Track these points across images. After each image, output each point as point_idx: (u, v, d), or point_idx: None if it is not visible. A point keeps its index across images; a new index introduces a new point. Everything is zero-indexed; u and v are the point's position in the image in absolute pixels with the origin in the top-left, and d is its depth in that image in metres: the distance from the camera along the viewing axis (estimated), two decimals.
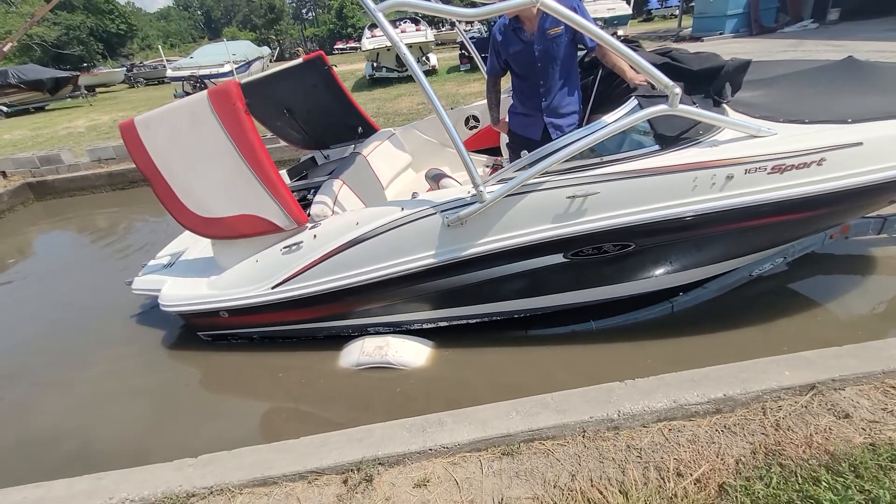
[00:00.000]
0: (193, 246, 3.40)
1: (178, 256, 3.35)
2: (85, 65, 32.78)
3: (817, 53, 8.41)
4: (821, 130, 2.08)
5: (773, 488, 1.46)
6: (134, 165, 2.71)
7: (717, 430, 1.70)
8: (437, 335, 2.82)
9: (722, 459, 1.59)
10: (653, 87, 2.07)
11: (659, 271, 2.49)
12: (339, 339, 2.89)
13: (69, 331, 3.67)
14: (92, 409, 2.82)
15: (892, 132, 2.04)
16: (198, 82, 13.79)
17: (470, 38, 4.67)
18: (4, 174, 7.58)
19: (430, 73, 13.04)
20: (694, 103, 2.16)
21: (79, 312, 3.94)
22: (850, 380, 1.78)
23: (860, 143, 2.00)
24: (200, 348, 3.15)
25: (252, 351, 3.04)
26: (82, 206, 7.25)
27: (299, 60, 3.42)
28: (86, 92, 19.06)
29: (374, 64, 13.07)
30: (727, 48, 11.18)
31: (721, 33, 13.98)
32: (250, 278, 2.73)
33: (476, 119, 3.86)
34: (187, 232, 3.41)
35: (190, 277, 3.02)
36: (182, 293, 2.92)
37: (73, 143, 9.64)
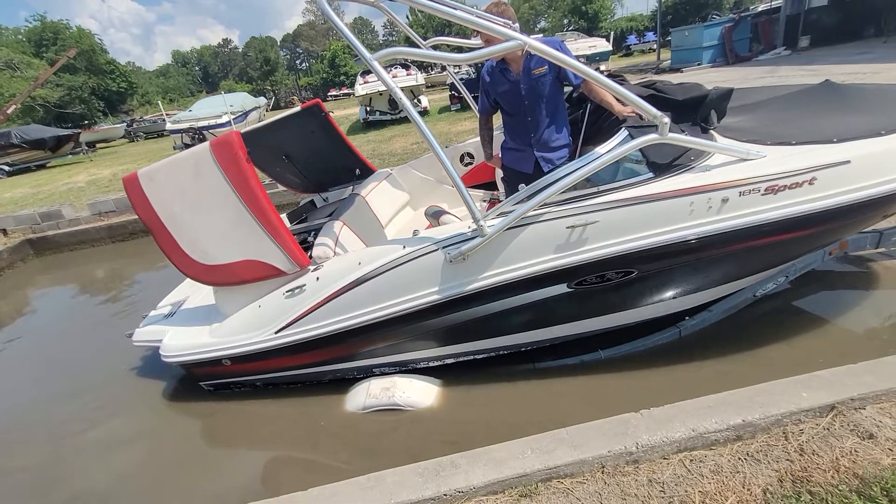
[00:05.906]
0: (194, 294, 3.38)
1: (180, 306, 3.33)
2: (86, 122, 33.65)
3: (793, 78, 8.75)
4: (808, 151, 2.14)
5: None
6: (135, 217, 2.74)
7: (740, 459, 1.64)
8: (444, 373, 2.76)
9: (749, 490, 1.53)
10: (641, 117, 2.14)
11: (663, 296, 2.48)
12: (345, 383, 2.83)
13: (68, 388, 3.58)
14: (89, 466, 2.72)
15: (877, 149, 2.10)
16: (196, 134, 14.16)
17: (460, 79, 4.87)
18: (5, 231, 7.64)
19: (422, 113, 13.42)
20: (682, 131, 2.22)
21: (78, 367, 3.86)
22: (869, 398, 1.75)
23: (848, 162, 2.06)
24: (202, 398, 3.07)
25: (255, 399, 2.97)
26: (82, 259, 7.27)
27: (297, 108, 3.53)
28: (86, 148, 19.49)
29: (368, 108, 13.50)
30: (707, 77, 11.64)
31: (699, 63, 14.61)
32: (253, 324, 2.70)
33: (471, 156, 3.95)
34: (188, 280, 3.41)
35: (192, 326, 2.99)
36: (184, 343, 2.88)
37: (74, 197, 9.77)
